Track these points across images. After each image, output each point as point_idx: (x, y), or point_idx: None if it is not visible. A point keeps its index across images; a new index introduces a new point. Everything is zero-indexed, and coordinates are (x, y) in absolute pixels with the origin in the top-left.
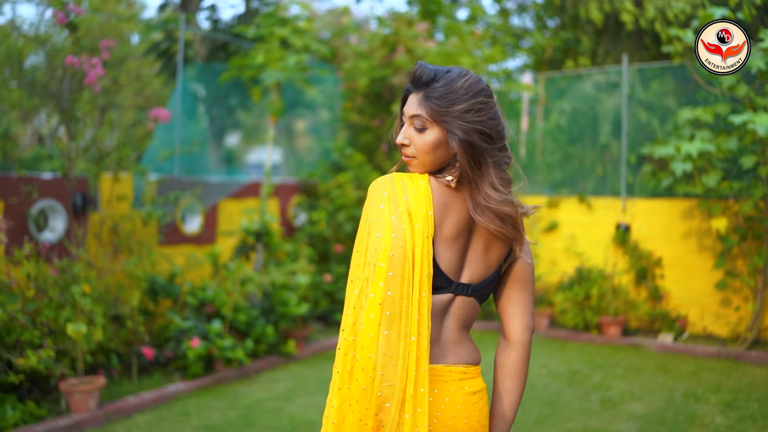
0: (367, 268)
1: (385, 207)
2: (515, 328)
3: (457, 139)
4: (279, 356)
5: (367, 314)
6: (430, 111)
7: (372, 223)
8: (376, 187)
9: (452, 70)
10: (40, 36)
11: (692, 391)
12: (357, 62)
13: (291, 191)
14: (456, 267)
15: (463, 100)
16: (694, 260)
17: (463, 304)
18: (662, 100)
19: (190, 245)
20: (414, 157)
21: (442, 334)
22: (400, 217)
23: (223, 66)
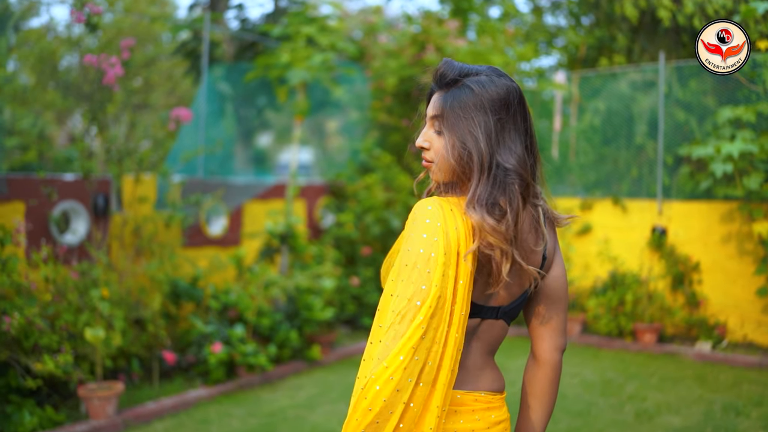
0: (402, 320)
1: (436, 255)
2: (543, 348)
3: (467, 152)
4: (303, 362)
5: (395, 357)
6: (447, 113)
7: (418, 270)
8: (424, 226)
9: (481, 73)
10: (72, 38)
11: (732, 404)
12: (386, 61)
13: (318, 192)
14: (486, 291)
15: (482, 110)
16: (733, 265)
17: (490, 327)
18: (701, 99)
19: (214, 247)
20: (432, 163)
21: (467, 359)
22: (449, 262)
23: (251, 65)
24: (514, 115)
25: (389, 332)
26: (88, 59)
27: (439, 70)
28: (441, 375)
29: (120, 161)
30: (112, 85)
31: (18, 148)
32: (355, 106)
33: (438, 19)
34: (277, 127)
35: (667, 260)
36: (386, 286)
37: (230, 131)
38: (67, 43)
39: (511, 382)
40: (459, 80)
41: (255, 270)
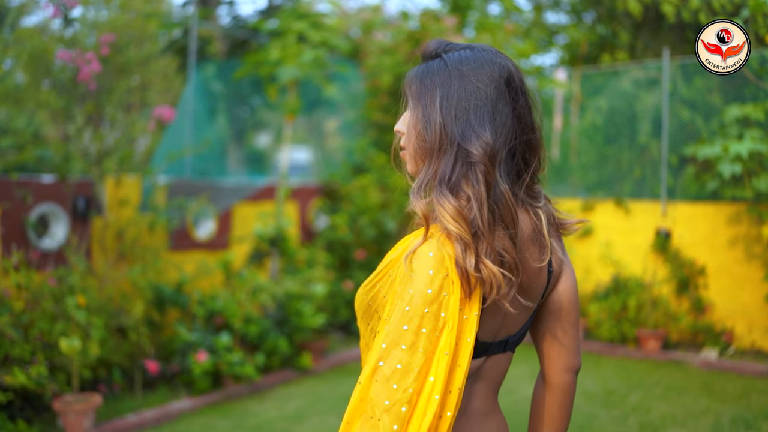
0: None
1: (450, 295)
2: (552, 370)
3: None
4: (293, 370)
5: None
6: (412, 82)
7: (422, 350)
8: (430, 264)
9: (468, 46)
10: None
11: (741, 416)
12: (381, 58)
13: (311, 194)
14: (489, 327)
15: (448, 80)
16: (741, 269)
17: (496, 363)
18: (706, 96)
19: (201, 251)
20: (405, 148)
21: (470, 403)
22: (451, 330)
23: (242, 63)
24: (497, 94)
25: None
26: (61, 55)
27: (424, 47)
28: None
29: (99, 162)
30: (87, 83)
31: (13, 147)
32: (349, 105)
33: (435, 15)
34: (273, 127)
35: (671, 264)
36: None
37: (222, 131)
38: (60, 41)
39: (508, 391)
40: (438, 54)
41: (243, 275)
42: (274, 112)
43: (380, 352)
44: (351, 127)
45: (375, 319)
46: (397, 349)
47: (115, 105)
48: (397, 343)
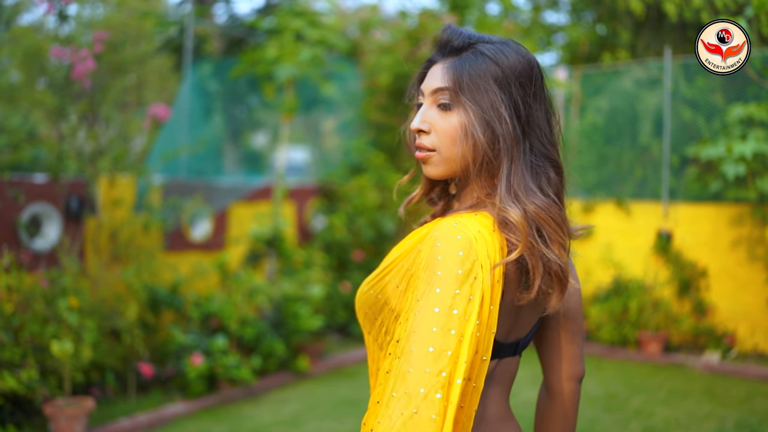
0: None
1: (475, 298)
2: (555, 378)
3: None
4: (290, 373)
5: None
6: (463, 81)
7: (444, 332)
8: (456, 262)
9: (494, 42)
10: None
11: (745, 421)
12: (379, 57)
13: (309, 194)
14: (502, 326)
15: (504, 82)
16: (743, 271)
17: (507, 366)
18: (708, 96)
19: (196, 252)
20: (434, 151)
21: (486, 409)
22: (477, 314)
23: (239, 62)
24: (538, 88)
25: None
26: (55, 52)
27: (443, 37)
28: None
29: (93, 161)
30: (82, 81)
31: (7, 146)
32: (347, 104)
33: (434, 14)
34: (271, 126)
35: (672, 265)
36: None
37: (218, 130)
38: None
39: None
40: (470, 45)
41: (239, 276)
42: (271, 111)
43: (411, 336)
44: (348, 127)
45: (385, 312)
46: (429, 331)
47: (110, 104)
48: (429, 325)
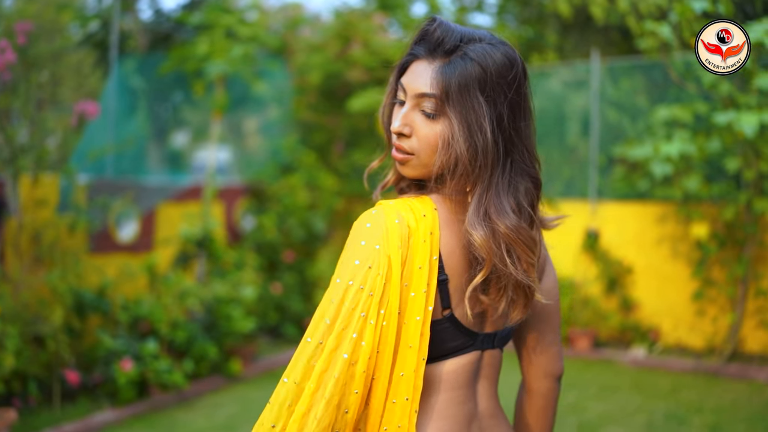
0: (334, 354)
1: (377, 268)
2: (531, 375)
3: (471, 141)
4: (222, 377)
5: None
6: (451, 92)
7: (352, 288)
8: (363, 233)
9: (484, 40)
10: None
11: (673, 413)
12: (310, 56)
13: (237, 194)
14: (478, 314)
15: (491, 90)
16: (667, 268)
17: (491, 359)
18: (632, 98)
19: (124, 254)
20: (412, 155)
21: (477, 406)
22: (393, 286)
23: (165, 58)
24: (523, 96)
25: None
26: None
27: (434, 33)
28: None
29: (13, 160)
30: (1, 74)
31: None
32: (275, 103)
33: (364, 13)
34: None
35: (600, 263)
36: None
37: (143, 128)
38: None
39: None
40: (460, 47)
41: (169, 278)
42: (195, 109)
43: (310, 326)
44: (274, 126)
45: None
46: (322, 322)
47: (24, 100)
48: (322, 316)
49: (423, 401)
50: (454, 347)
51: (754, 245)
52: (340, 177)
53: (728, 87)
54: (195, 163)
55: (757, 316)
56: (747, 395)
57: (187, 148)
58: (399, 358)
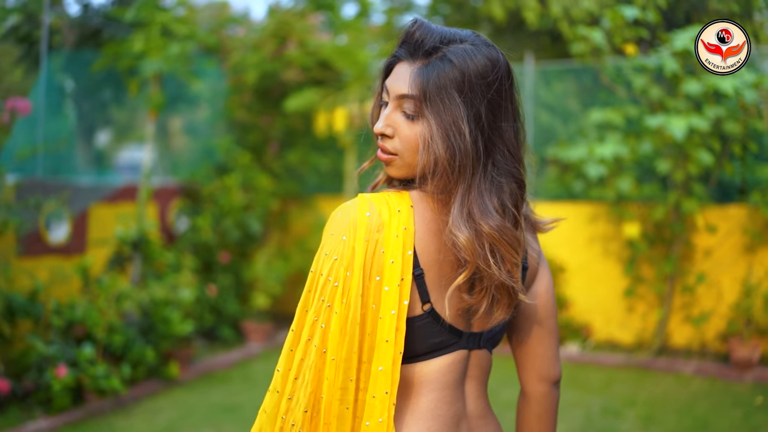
0: (309, 345)
1: (341, 259)
2: (527, 380)
3: (446, 143)
4: (160, 381)
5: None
6: (429, 93)
7: (321, 278)
8: (333, 224)
9: (466, 41)
10: None
11: (608, 406)
12: (245, 55)
13: (171, 195)
14: (463, 313)
15: (470, 92)
16: (599, 267)
17: (479, 360)
18: (564, 101)
19: (55, 257)
20: (396, 155)
21: (466, 406)
22: (355, 277)
23: (95, 55)
24: (505, 96)
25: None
26: None
27: (414, 35)
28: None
29: None
30: None
31: None
32: (208, 102)
33: (300, 12)
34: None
35: None
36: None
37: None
38: None
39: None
40: (440, 49)
41: (103, 281)
42: (122, 108)
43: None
44: (205, 126)
45: None
46: (302, 312)
47: None
48: (303, 307)
49: (411, 401)
50: (437, 344)
51: (681, 244)
52: (276, 177)
53: (658, 92)
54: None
55: (683, 311)
56: (676, 387)
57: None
58: (378, 352)
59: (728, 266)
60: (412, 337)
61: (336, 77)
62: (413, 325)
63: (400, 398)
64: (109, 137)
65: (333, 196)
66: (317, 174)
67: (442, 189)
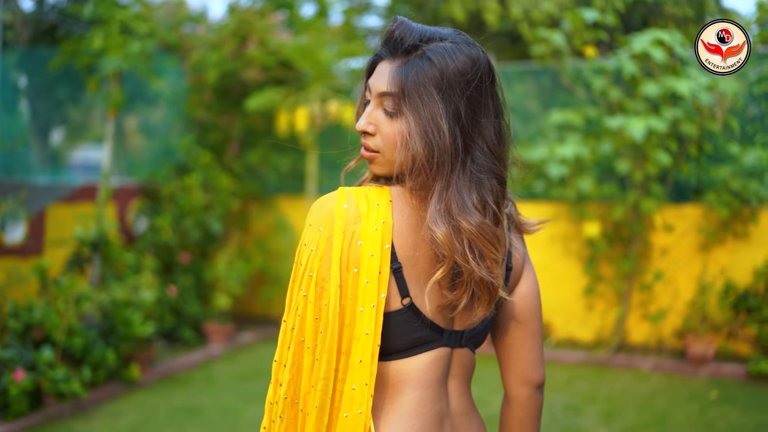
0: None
1: (317, 250)
2: (509, 382)
3: (425, 140)
4: (120, 384)
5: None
6: (408, 91)
7: (301, 269)
8: (311, 216)
9: (446, 39)
10: None
11: (570, 403)
12: (206, 54)
13: (130, 195)
14: (444, 310)
15: (449, 90)
16: (560, 265)
17: (461, 358)
18: (524, 102)
19: (12, 258)
20: (378, 153)
21: (449, 404)
22: (333, 268)
23: (51, 52)
24: (485, 94)
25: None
26: None
27: (393, 33)
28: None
29: None
30: None
31: None
32: (168, 101)
33: (260, 11)
34: (71, 123)
35: None
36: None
37: (25, 126)
38: None
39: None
40: (419, 47)
41: (62, 282)
42: (77, 106)
43: None
44: (167, 125)
45: None
46: (289, 302)
47: None
48: (289, 297)
49: (394, 399)
50: (417, 339)
51: (639, 243)
52: (236, 177)
53: (617, 93)
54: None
55: (640, 309)
56: (634, 384)
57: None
58: (357, 345)
59: (684, 264)
60: (392, 332)
61: (297, 77)
62: (393, 320)
63: (382, 396)
64: (63, 136)
65: (294, 196)
66: (278, 174)
67: (421, 185)
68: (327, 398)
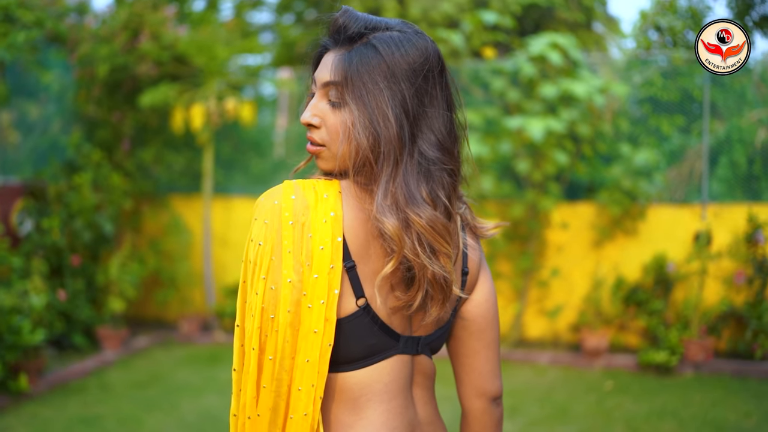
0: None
1: (265, 244)
2: (463, 394)
3: (370, 130)
4: (7, 396)
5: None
6: (351, 79)
7: (250, 266)
8: (256, 209)
9: (393, 28)
10: None
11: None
12: (96, 47)
13: (14, 194)
14: (401, 315)
15: (395, 78)
16: None
17: (421, 366)
18: None
19: None
20: (324, 147)
21: (417, 414)
22: (284, 262)
23: None
24: (434, 84)
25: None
26: None
27: (338, 21)
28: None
29: None
30: None
31: None
32: (54, 96)
33: (153, 4)
34: None
35: None
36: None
37: None
38: None
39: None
40: (364, 35)
41: None
42: None
43: None
44: (52, 120)
45: None
46: (241, 303)
47: None
48: (240, 298)
49: (361, 416)
50: (373, 346)
51: (536, 240)
52: (128, 176)
53: (515, 94)
54: None
55: (537, 304)
56: (534, 377)
57: None
58: (304, 343)
59: (579, 261)
60: (347, 337)
61: (193, 72)
62: (349, 324)
63: (349, 413)
64: None
65: (189, 195)
66: (172, 172)
67: (366, 178)
68: (281, 400)
